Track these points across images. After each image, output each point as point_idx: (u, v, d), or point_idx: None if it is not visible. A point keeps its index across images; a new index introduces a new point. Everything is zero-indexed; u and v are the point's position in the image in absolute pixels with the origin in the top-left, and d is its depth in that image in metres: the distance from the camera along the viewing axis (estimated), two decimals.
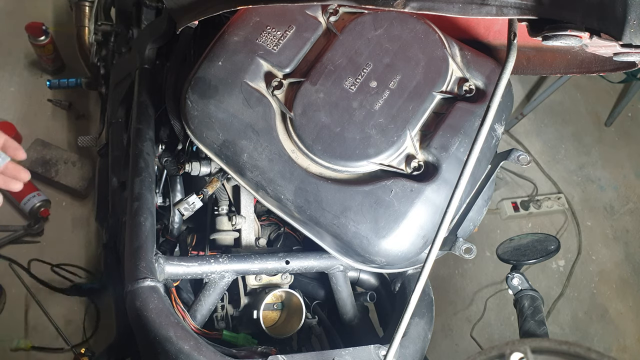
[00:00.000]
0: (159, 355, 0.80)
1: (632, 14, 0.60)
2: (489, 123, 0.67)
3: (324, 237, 0.87)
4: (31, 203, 1.99)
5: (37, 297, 1.78)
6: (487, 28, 0.99)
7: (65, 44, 2.23)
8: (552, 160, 2.74)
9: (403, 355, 0.87)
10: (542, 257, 1.05)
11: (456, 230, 0.90)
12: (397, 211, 0.81)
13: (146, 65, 1.19)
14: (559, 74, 0.93)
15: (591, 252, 2.57)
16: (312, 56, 0.89)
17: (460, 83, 0.89)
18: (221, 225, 0.99)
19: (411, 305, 0.69)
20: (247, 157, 0.84)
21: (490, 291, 2.32)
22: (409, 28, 0.89)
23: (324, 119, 0.83)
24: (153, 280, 0.84)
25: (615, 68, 0.82)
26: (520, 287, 1.00)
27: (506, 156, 0.94)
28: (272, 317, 0.97)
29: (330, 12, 0.91)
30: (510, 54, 0.68)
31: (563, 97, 2.85)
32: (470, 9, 0.67)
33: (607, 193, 2.73)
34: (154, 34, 1.22)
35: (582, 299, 2.46)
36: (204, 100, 0.86)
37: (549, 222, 2.59)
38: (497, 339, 2.28)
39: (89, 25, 1.82)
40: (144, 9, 1.50)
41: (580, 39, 0.66)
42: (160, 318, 0.81)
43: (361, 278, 1.05)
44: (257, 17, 0.89)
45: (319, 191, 0.82)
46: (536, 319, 0.94)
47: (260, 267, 0.92)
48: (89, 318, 1.87)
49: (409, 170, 0.84)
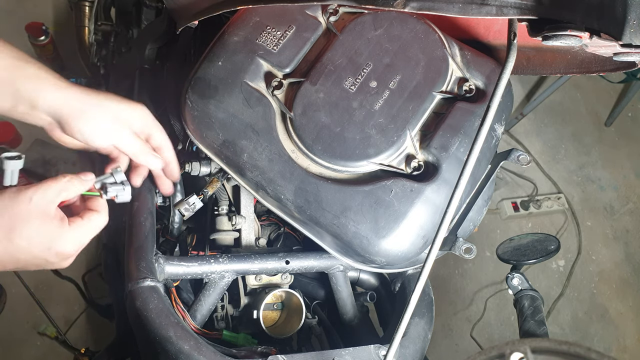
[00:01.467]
0: (159, 355, 0.80)
1: (632, 14, 0.60)
2: (489, 123, 0.67)
3: (324, 237, 0.87)
4: None
5: (37, 297, 1.78)
6: (487, 28, 0.99)
7: (65, 44, 2.23)
8: (552, 160, 2.74)
9: (403, 355, 0.87)
10: (542, 257, 1.05)
11: (456, 230, 0.90)
12: (397, 211, 0.81)
13: (146, 65, 1.19)
14: (559, 74, 0.93)
15: (591, 252, 2.57)
16: (312, 56, 0.89)
17: (460, 83, 0.89)
18: (221, 225, 0.99)
19: (411, 305, 0.69)
20: (247, 157, 0.84)
21: (490, 291, 2.33)
22: (409, 28, 0.89)
23: (324, 119, 0.83)
24: (153, 280, 0.84)
25: (615, 68, 0.82)
26: (520, 287, 1.00)
27: (506, 156, 0.94)
28: (272, 317, 0.97)
29: (330, 12, 0.91)
30: (510, 54, 0.68)
31: (563, 97, 2.85)
32: (470, 9, 0.67)
33: (607, 193, 2.73)
34: (154, 34, 1.22)
35: (582, 299, 2.46)
36: (204, 100, 0.86)
37: (549, 222, 2.59)
38: (497, 339, 2.28)
39: (89, 25, 1.82)
40: (144, 9, 1.50)
41: (580, 39, 0.66)
42: (160, 318, 0.81)
43: (361, 278, 1.05)
44: (257, 17, 0.89)
45: (319, 191, 0.82)
46: (536, 319, 0.94)
47: (260, 267, 0.92)
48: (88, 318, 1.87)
49: (409, 170, 0.84)
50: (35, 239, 0.68)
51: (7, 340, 1.84)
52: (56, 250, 0.70)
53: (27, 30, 2.16)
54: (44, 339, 1.83)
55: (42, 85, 0.75)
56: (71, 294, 1.89)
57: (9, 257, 0.68)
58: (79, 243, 0.73)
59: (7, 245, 0.67)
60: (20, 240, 0.67)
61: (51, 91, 0.76)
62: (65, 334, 1.78)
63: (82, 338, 1.88)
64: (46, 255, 0.70)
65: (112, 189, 0.78)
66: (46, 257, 0.70)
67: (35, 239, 0.68)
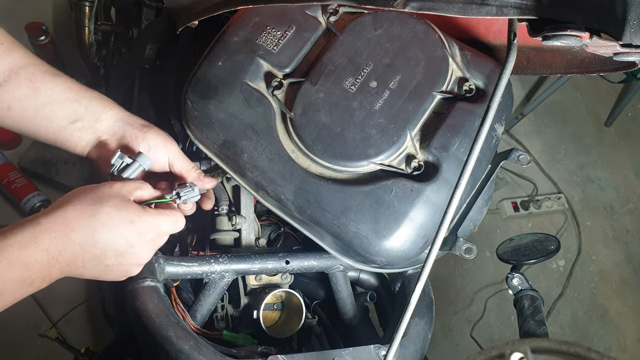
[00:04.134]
0: (159, 355, 0.80)
1: (632, 14, 0.60)
2: (489, 123, 0.67)
3: (324, 237, 0.87)
4: (31, 203, 1.99)
5: (37, 297, 1.78)
6: (487, 28, 0.99)
7: (65, 44, 2.23)
8: (552, 160, 2.74)
9: (403, 355, 0.87)
10: (542, 257, 1.05)
11: (456, 230, 0.90)
12: (397, 211, 0.81)
13: (146, 65, 1.19)
14: (559, 74, 0.93)
15: (591, 252, 2.57)
16: (312, 56, 0.89)
17: (460, 83, 0.89)
18: (221, 225, 0.99)
19: (411, 305, 0.69)
20: (247, 157, 0.84)
21: (490, 291, 2.33)
22: (409, 28, 0.89)
23: (324, 119, 0.83)
24: (153, 280, 0.84)
25: (615, 68, 0.82)
26: (520, 287, 1.00)
27: (506, 156, 0.94)
28: (272, 317, 0.97)
29: (330, 12, 0.91)
30: (510, 54, 0.68)
31: (563, 97, 2.85)
32: (470, 9, 0.67)
33: (607, 193, 2.73)
34: (154, 34, 1.22)
35: (582, 299, 2.46)
36: (204, 100, 0.86)
37: (549, 222, 2.59)
38: (497, 339, 2.28)
39: (89, 25, 1.82)
40: (144, 9, 1.50)
41: (580, 39, 0.66)
42: (160, 318, 0.81)
43: (361, 278, 1.05)
44: (257, 17, 0.89)
45: (319, 191, 0.82)
46: (536, 319, 0.94)
47: (260, 267, 0.92)
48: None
49: (409, 170, 0.84)
50: (116, 216, 0.70)
51: (7, 341, 1.84)
52: (138, 229, 0.72)
53: (27, 30, 2.16)
54: (44, 339, 1.83)
55: (106, 101, 0.84)
56: (71, 294, 1.89)
57: (89, 237, 0.69)
58: (157, 226, 0.74)
59: (90, 221, 0.68)
60: (102, 214, 0.69)
61: (115, 107, 0.84)
62: (65, 334, 1.78)
63: (82, 338, 1.88)
64: (127, 233, 0.71)
65: (183, 193, 0.80)
66: (127, 236, 0.71)
67: (115, 216, 0.70)
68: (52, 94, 0.80)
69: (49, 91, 0.80)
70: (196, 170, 0.86)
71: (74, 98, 0.81)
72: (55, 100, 0.80)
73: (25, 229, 0.66)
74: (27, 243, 0.65)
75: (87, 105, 0.82)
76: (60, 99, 0.80)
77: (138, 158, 0.80)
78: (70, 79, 0.83)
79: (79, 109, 0.81)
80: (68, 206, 0.69)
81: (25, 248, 0.65)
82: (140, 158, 0.80)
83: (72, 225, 0.68)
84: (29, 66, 0.80)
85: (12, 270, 0.64)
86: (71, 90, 0.81)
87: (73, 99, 0.81)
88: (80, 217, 0.68)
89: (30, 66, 0.80)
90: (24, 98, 0.79)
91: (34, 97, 0.79)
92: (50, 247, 0.66)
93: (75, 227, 0.68)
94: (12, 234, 0.65)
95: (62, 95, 0.81)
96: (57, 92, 0.80)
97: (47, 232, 0.66)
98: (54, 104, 0.80)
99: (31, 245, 0.65)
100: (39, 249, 0.65)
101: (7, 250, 0.64)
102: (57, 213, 0.68)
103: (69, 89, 0.81)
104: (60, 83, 0.81)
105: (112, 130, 0.83)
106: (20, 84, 0.79)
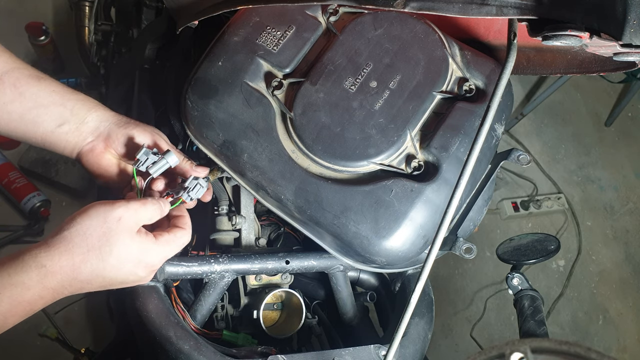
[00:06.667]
0: (159, 355, 0.80)
1: (632, 14, 0.60)
2: (489, 123, 0.67)
3: (324, 237, 0.87)
4: (31, 203, 1.99)
5: None
6: (487, 28, 0.99)
7: (65, 44, 2.23)
8: (552, 160, 2.74)
9: (403, 355, 0.87)
10: (542, 257, 1.05)
11: (456, 230, 0.90)
12: (397, 211, 0.81)
13: (146, 65, 1.19)
14: (559, 74, 0.93)
15: (591, 252, 2.57)
16: (312, 56, 0.89)
17: (460, 83, 0.89)
18: (221, 225, 0.99)
19: (411, 305, 0.69)
20: (247, 157, 0.84)
21: (490, 291, 2.33)
22: (409, 28, 0.89)
23: (324, 119, 0.83)
24: (153, 280, 0.84)
25: (615, 68, 0.82)
26: (520, 287, 1.00)
27: (506, 156, 0.94)
28: (272, 317, 0.97)
29: (330, 12, 0.91)
30: (510, 54, 0.68)
31: (563, 97, 2.85)
32: (470, 9, 0.67)
33: (607, 193, 2.73)
34: (154, 34, 1.22)
35: (582, 299, 2.46)
36: (204, 100, 0.86)
37: (549, 222, 2.59)
38: (497, 339, 2.28)
39: (89, 25, 1.82)
40: (144, 9, 1.50)
41: (580, 39, 0.66)
42: (160, 318, 0.81)
43: (361, 278, 1.05)
44: (257, 17, 0.89)
45: (319, 191, 0.82)
46: (536, 319, 0.94)
47: (260, 267, 0.92)
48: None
49: (409, 170, 0.84)
50: (125, 256, 0.70)
51: (7, 341, 1.84)
52: (145, 263, 0.72)
53: (27, 30, 2.16)
54: (43, 339, 1.83)
55: (91, 103, 0.84)
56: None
57: (96, 276, 0.69)
58: (165, 257, 0.76)
59: (97, 264, 0.68)
60: (110, 258, 0.69)
61: (100, 108, 0.85)
62: (65, 334, 1.78)
63: (82, 338, 1.88)
64: (135, 269, 0.72)
65: (190, 191, 0.81)
66: (135, 271, 0.72)
67: (124, 256, 0.70)
68: (37, 98, 0.80)
69: (34, 95, 0.80)
70: (187, 160, 0.86)
71: (60, 101, 0.81)
72: (40, 104, 0.80)
73: (30, 271, 0.65)
74: (31, 284, 0.65)
75: (72, 108, 0.82)
76: (45, 103, 0.80)
77: (166, 156, 0.81)
78: (55, 82, 0.83)
79: (64, 112, 0.81)
80: (74, 248, 0.67)
81: (29, 289, 0.65)
82: (168, 156, 0.81)
83: (80, 269, 0.68)
84: (14, 71, 0.79)
85: (15, 308, 0.64)
86: (56, 94, 0.81)
87: (58, 102, 0.81)
88: (89, 261, 0.68)
89: (14, 71, 0.79)
90: (9, 103, 0.78)
91: (19, 101, 0.79)
92: (56, 287, 0.67)
93: (82, 270, 0.68)
94: (15, 273, 0.64)
95: (47, 99, 0.80)
96: (42, 96, 0.80)
97: (53, 275, 0.66)
98: (39, 108, 0.80)
99: (37, 286, 0.65)
100: (45, 289, 0.66)
101: (10, 290, 0.64)
102: (62, 255, 0.67)
103: (54, 93, 0.81)
104: (45, 87, 0.81)
105: (97, 131, 0.83)
106: (5, 89, 0.78)
